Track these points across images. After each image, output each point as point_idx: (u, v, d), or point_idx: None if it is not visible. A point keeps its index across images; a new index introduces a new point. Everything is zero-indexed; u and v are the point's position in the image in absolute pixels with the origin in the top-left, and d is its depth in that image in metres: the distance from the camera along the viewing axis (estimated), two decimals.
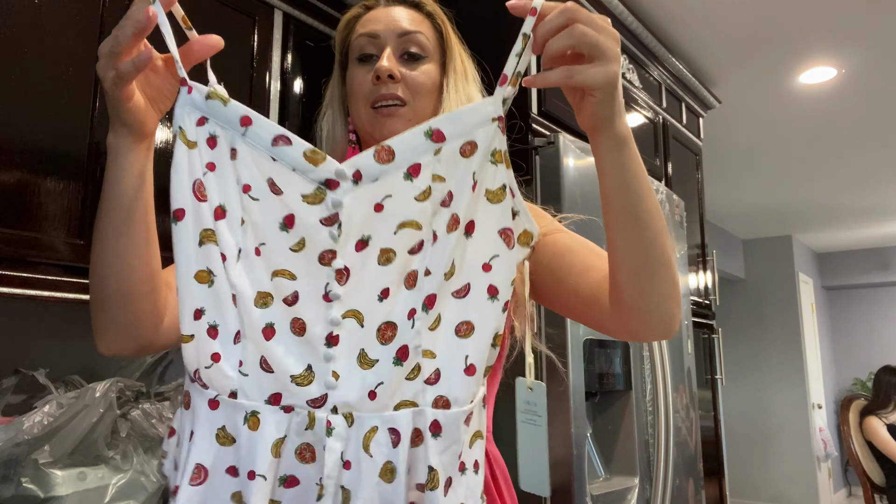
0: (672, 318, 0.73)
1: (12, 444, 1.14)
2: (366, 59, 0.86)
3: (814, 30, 2.66)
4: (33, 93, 1.21)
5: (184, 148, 0.70)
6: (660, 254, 0.71)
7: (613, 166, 0.68)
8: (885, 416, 4.01)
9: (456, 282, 0.69)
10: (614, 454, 1.91)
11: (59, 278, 1.22)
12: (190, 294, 0.68)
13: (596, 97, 0.64)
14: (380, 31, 0.86)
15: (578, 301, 0.80)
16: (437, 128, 0.69)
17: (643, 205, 0.70)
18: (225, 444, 0.67)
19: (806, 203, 5.29)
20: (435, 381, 0.68)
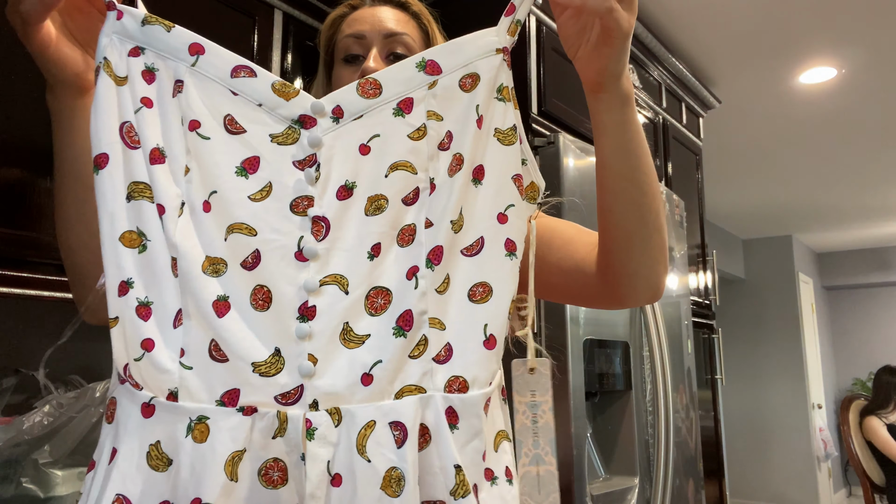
0: (660, 282, 0.73)
1: (12, 444, 1.14)
2: (352, 59, 0.84)
3: (814, 30, 2.66)
4: (33, 92, 1.21)
5: (109, 83, 0.56)
6: (654, 219, 0.70)
7: (616, 126, 0.65)
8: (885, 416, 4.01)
9: (466, 236, 0.57)
10: (614, 454, 1.91)
11: (58, 278, 1.22)
12: (115, 262, 0.53)
13: (614, 46, 0.59)
14: (366, 32, 0.83)
15: (562, 275, 0.78)
16: (431, 59, 0.60)
17: (642, 168, 0.69)
18: (158, 467, 0.50)
19: (806, 203, 5.29)
20: (446, 358, 0.54)
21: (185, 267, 0.53)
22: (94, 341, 1.62)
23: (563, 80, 2.05)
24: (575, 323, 1.73)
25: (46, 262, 1.21)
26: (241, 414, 0.50)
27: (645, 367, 2.00)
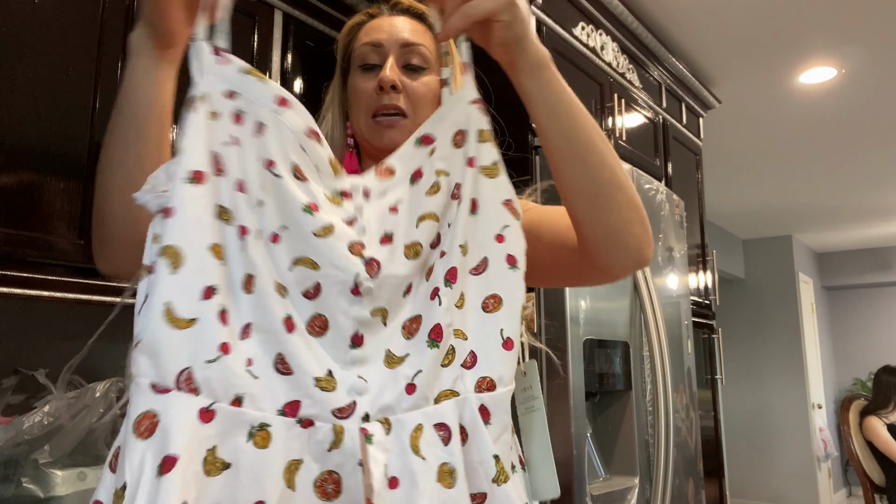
0: (641, 244, 0.72)
1: (12, 444, 1.14)
2: (369, 68, 0.86)
3: (814, 30, 2.66)
4: (33, 93, 1.21)
5: (204, 115, 0.61)
6: (609, 177, 0.70)
7: (537, 90, 0.69)
8: (885, 416, 4.01)
9: (472, 258, 0.66)
10: (614, 454, 1.91)
11: (59, 278, 1.22)
12: (200, 268, 0.55)
13: (501, 20, 0.65)
14: (383, 41, 0.86)
15: (553, 256, 0.80)
16: (424, 134, 0.70)
17: (579, 127, 0.70)
18: (211, 472, 0.51)
19: (806, 203, 5.29)
20: (472, 363, 0.62)
21: (260, 285, 0.58)
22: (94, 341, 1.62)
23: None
24: (575, 323, 1.73)
25: (46, 262, 1.21)
26: (299, 426, 0.55)
27: (645, 367, 2.00)
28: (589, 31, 2.23)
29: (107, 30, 1.33)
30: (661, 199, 2.26)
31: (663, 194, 2.28)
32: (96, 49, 1.31)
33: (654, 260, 2.15)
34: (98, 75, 1.31)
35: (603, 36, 2.31)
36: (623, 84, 2.41)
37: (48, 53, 1.24)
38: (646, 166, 2.48)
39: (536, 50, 0.68)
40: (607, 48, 2.33)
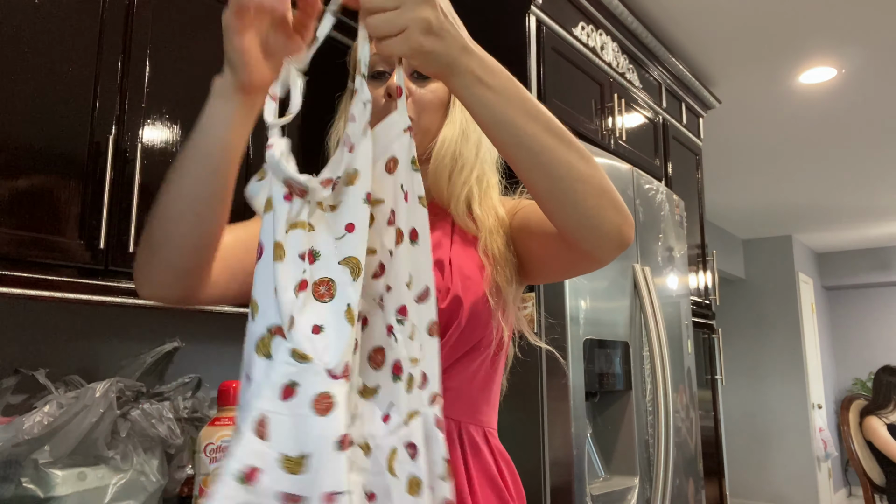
0: (617, 226, 0.72)
1: (12, 444, 1.14)
2: (377, 75, 0.88)
3: (814, 30, 2.66)
4: (33, 93, 1.21)
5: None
6: (565, 172, 0.69)
7: (474, 106, 0.68)
8: (885, 416, 4.01)
9: (415, 289, 0.69)
10: (614, 454, 1.91)
11: (59, 278, 1.22)
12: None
13: (421, 56, 0.64)
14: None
15: (544, 249, 0.84)
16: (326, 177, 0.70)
17: (522, 132, 0.69)
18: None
19: (806, 203, 5.29)
20: (424, 383, 0.68)
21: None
22: (94, 341, 1.62)
23: (563, 80, 2.05)
24: (575, 323, 1.73)
25: (47, 263, 1.21)
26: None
27: (645, 367, 2.00)
28: (589, 31, 2.23)
29: (107, 30, 1.33)
30: (661, 199, 2.26)
31: (663, 194, 2.28)
32: (96, 49, 1.31)
33: (655, 260, 2.15)
34: (98, 75, 1.31)
35: (603, 36, 2.31)
36: (623, 84, 2.41)
37: (48, 53, 1.24)
38: (646, 166, 2.48)
39: (466, 67, 0.66)
40: (607, 48, 2.33)
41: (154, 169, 1.38)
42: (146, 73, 1.39)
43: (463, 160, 0.91)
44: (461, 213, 0.90)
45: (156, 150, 1.39)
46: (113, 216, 1.29)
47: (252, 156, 1.55)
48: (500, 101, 0.68)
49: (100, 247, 1.26)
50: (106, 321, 1.64)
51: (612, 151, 2.24)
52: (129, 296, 1.32)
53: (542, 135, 0.69)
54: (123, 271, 1.31)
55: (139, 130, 1.36)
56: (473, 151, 0.93)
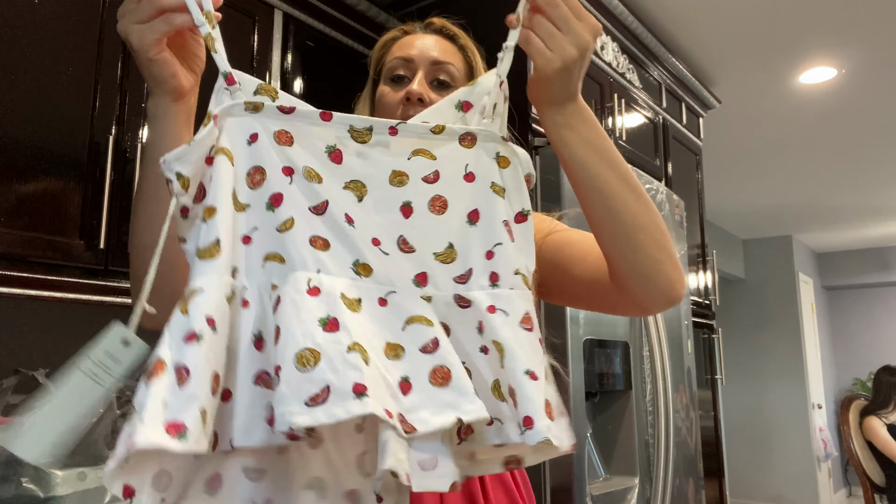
0: (669, 282, 0.74)
1: None
2: (398, 79, 0.90)
3: (814, 30, 2.66)
4: (33, 93, 1.21)
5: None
6: (630, 220, 0.72)
7: (561, 142, 0.71)
8: (885, 416, 4.01)
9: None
10: (614, 454, 1.91)
11: (59, 278, 1.22)
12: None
13: (548, 79, 0.67)
14: (414, 57, 0.90)
15: (584, 287, 0.83)
16: (464, 100, 0.73)
17: (600, 178, 0.71)
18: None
19: (806, 203, 5.29)
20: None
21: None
22: None
23: None
24: (575, 323, 1.73)
25: (46, 263, 1.21)
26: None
27: (645, 367, 2.00)
28: None
29: (107, 29, 1.33)
30: (661, 199, 2.26)
31: (663, 194, 2.28)
32: (96, 49, 1.31)
33: None
34: (98, 75, 1.31)
35: (603, 36, 2.31)
36: (623, 84, 2.41)
37: (48, 53, 1.24)
38: (646, 166, 2.48)
39: (570, 110, 0.70)
40: (607, 48, 2.33)
41: None
42: None
43: None
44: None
45: None
46: (113, 216, 1.29)
47: None
48: (586, 145, 0.71)
49: (100, 247, 1.26)
50: (106, 321, 1.64)
51: None
52: (129, 296, 1.32)
53: (616, 183, 0.72)
54: (123, 271, 1.31)
55: (139, 130, 1.36)
56: None
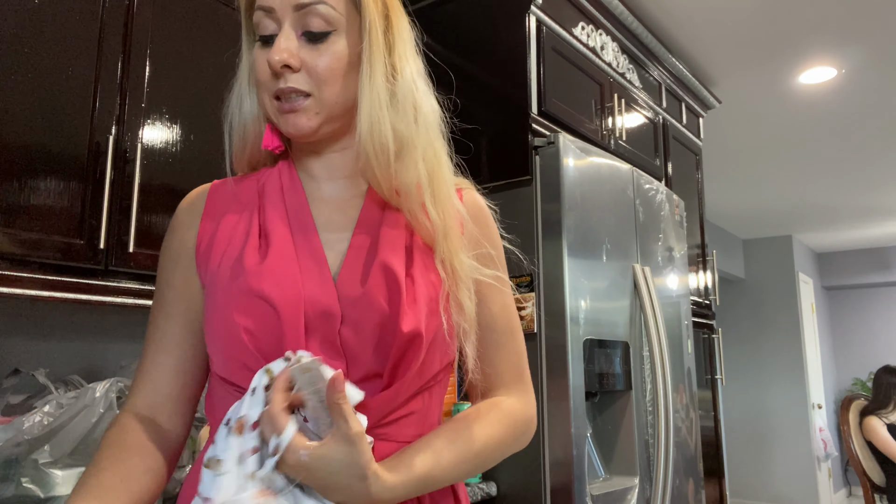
0: (520, 448, 0.78)
1: (12, 444, 1.14)
2: (266, 40, 0.72)
3: (814, 30, 2.66)
4: (33, 93, 1.21)
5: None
6: (481, 468, 0.73)
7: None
8: (885, 416, 4.01)
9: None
10: (614, 454, 1.91)
11: (59, 278, 1.22)
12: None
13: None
14: (275, 5, 0.70)
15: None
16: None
17: (438, 486, 0.70)
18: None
19: (806, 203, 5.29)
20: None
21: None
22: (94, 341, 1.62)
23: (563, 80, 2.05)
24: (575, 323, 1.73)
25: (47, 263, 1.21)
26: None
27: (645, 367, 1.99)
28: (589, 31, 2.23)
29: (107, 30, 1.33)
30: (661, 199, 2.26)
31: (663, 194, 2.28)
32: (96, 49, 1.31)
33: (655, 260, 2.15)
34: (98, 75, 1.31)
35: (603, 36, 2.31)
36: (623, 84, 2.41)
37: (48, 53, 1.24)
38: (646, 166, 2.48)
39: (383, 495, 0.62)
40: (607, 48, 2.33)
41: (154, 169, 1.38)
42: (146, 73, 1.39)
43: (398, 138, 0.71)
44: (416, 211, 0.72)
45: (156, 150, 1.39)
46: (113, 216, 1.29)
47: None
48: (421, 485, 0.66)
49: (100, 247, 1.26)
50: (106, 321, 1.64)
51: (612, 151, 2.24)
52: (129, 296, 1.32)
53: (453, 479, 0.71)
54: (123, 271, 1.31)
55: (139, 130, 1.36)
56: (411, 118, 0.73)
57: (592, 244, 1.85)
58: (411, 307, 0.67)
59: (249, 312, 0.66)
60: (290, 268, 0.69)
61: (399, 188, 0.72)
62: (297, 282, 0.68)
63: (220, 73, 1.53)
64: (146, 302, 1.33)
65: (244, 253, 0.70)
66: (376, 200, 0.75)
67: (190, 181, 1.43)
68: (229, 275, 0.69)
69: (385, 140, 0.71)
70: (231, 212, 0.75)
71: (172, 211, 1.39)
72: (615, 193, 1.99)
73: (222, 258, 0.71)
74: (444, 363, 0.73)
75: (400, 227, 0.73)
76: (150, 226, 1.35)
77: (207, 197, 0.78)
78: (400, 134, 0.71)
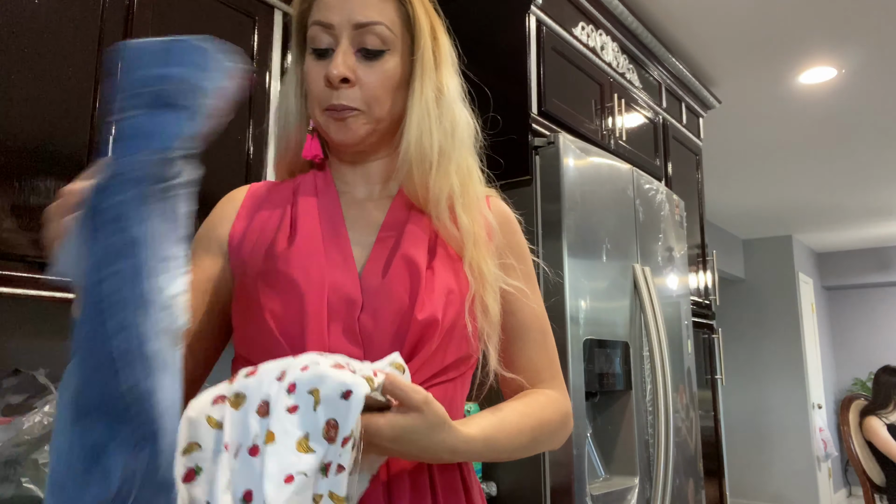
0: (561, 443, 0.82)
1: (12, 444, 1.14)
2: (321, 53, 0.76)
3: (814, 30, 2.66)
4: (33, 93, 1.21)
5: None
6: (525, 452, 0.76)
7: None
8: (885, 416, 4.01)
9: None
10: (614, 454, 1.91)
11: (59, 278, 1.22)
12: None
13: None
14: (334, 22, 0.75)
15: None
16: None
17: (501, 456, 0.73)
18: None
19: (806, 203, 5.29)
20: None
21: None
22: None
23: (563, 80, 2.05)
24: (575, 323, 1.73)
25: (45, 262, 1.21)
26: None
27: (645, 367, 1.99)
28: (589, 31, 2.23)
29: (107, 30, 1.33)
30: (661, 199, 2.26)
31: (663, 194, 2.28)
32: (96, 49, 1.31)
33: (655, 260, 2.15)
34: (98, 75, 1.31)
35: (603, 36, 2.31)
36: (623, 84, 2.41)
37: (48, 53, 1.24)
38: (646, 166, 2.48)
39: (440, 451, 0.64)
40: (607, 48, 2.33)
41: None
42: None
43: (439, 149, 0.77)
44: (444, 217, 0.77)
45: None
46: None
47: (252, 155, 1.55)
48: (480, 451, 0.69)
49: None
50: None
51: (612, 151, 2.24)
52: None
53: (505, 457, 0.74)
54: None
55: None
56: (449, 134, 0.79)
57: (592, 244, 1.85)
58: (429, 297, 0.71)
59: (275, 296, 0.70)
60: (317, 256, 0.72)
61: (431, 196, 0.77)
62: (323, 269, 0.71)
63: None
64: None
65: (275, 240, 0.74)
66: (404, 203, 0.80)
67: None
68: (259, 260, 0.73)
69: (430, 152, 0.77)
70: (265, 208, 0.80)
71: None
72: (615, 193, 1.99)
73: (254, 246, 0.76)
74: (458, 355, 0.74)
75: (424, 227, 0.78)
76: None
77: (246, 195, 0.84)
78: (441, 146, 0.77)
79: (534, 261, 0.88)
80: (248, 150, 1.55)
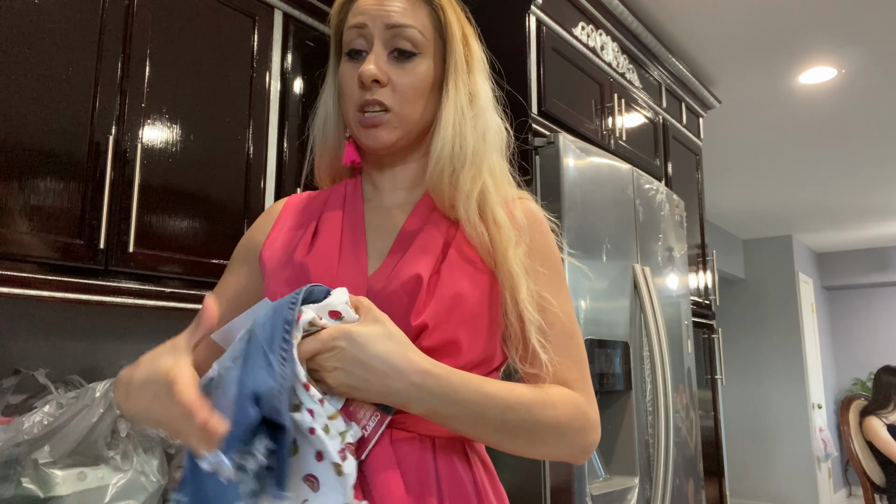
0: (580, 449, 0.75)
1: (12, 444, 1.14)
2: (355, 55, 0.79)
3: (814, 30, 2.66)
4: (33, 93, 1.21)
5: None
6: (523, 442, 0.71)
7: (429, 417, 0.67)
8: (885, 416, 4.01)
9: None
10: (614, 454, 1.91)
11: (59, 278, 1.22)
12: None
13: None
14: (368, 23, 0.78)
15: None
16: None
17: (469, 433, 0.69)
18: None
19: (806, 203, 5.29)
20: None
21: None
22: (94, 341, 1.62)
23: (563, 80, 2.05)
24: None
25: (47, 263, 1.21)
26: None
27: (645, 367, 1.99)
28: (589, 31, 2.23)
29: (107, 30, 1.33)
30: (661, 199, 2.26)
31: (663, 194, 2.28)
32: (96, 49, 1.31)
33: (655, 260, 2.15)
34: (98, 75, 1.31)
35: (603, 36, 2.31)
36: (623, 84, 2.41)
37: (48, 53, 1.24)
38: (646, 166, 2.48)
39: (414, 397, 0.64)
40: (607, 48, 2.33)
41: (154, 169, 1.38)
42: (146, 73, 1.39)
43: (472, 150, 0.79)
44: (472, 215, 0.77)
45: (156, 150, 1.39)
46: (113, 216, 1.29)
47: (252, 156, 1.55)
48: (452, 420, 0.67)
49: (100, 247, 1.26)
50: (106, 321, 1.64)
51: (612, 151, 2.24)
52: (129, 296, 1.32)
53: (489, 434, 0.69)
54: (123, 271, 1.31)
55: (139, 130, 1.36)
56: (481, 136, 0.80)
57: (592, 244, 1.85)
58: (426, 303, 0.71)
59: (288, 289, 0.72)
60: (330, 263, 0.76)
61: (460, 193, 0.77)
62: (334, 276, 0.74)
63: (220, 73, 1.53)
64: (146, 302, 1.33)
65: (295, 250, 0.78)
66: (427, 207, 0.81)
67: (190, 181, 1.43)
68: (279, 269, 0.78)
69: (463, 156, 0.78)
70: (296, 221, 0.85)
71: (172, 211, 1.39)
72: (615, 193, 1.99)
73: (278, 257, 0.80)
74: (471, 357, 0.73)
75: (441, 231, 0.78)
76: (150, 226, 1.35)
77: (283, 209, 0.88)
78: (474, 147, 0.79)
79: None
80: (249, 150, 1.55)
